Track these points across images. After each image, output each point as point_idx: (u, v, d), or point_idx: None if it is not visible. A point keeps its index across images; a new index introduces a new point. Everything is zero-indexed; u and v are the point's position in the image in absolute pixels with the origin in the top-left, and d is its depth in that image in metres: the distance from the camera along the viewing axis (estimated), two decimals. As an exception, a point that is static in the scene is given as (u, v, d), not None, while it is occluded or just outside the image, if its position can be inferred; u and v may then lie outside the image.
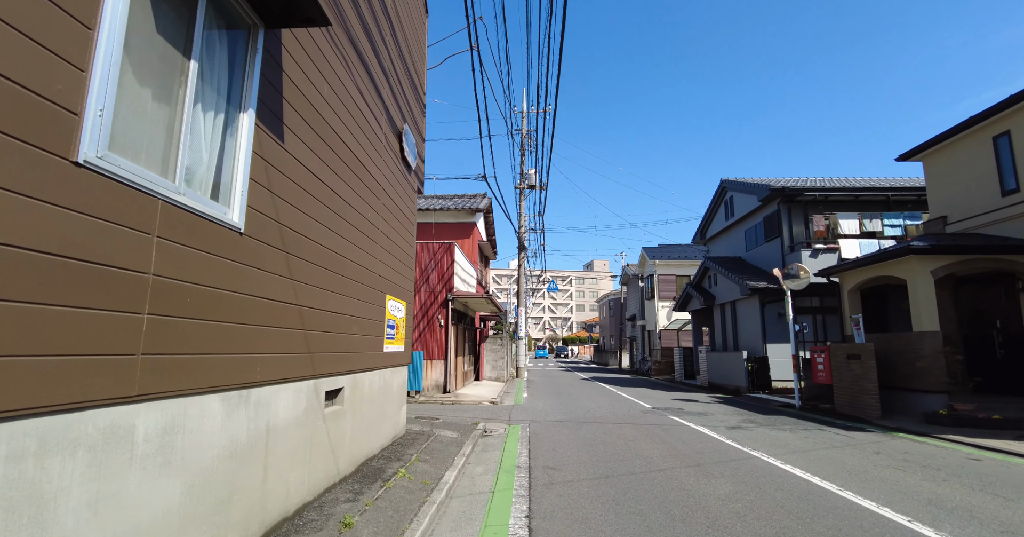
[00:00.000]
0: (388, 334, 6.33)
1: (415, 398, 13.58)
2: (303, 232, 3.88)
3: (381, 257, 6.07)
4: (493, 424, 9.71)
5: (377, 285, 5.89)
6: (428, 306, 15.00)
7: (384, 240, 6.20)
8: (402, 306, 7.06)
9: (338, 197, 4.62)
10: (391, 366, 6.54)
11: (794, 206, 17.79)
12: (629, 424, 9.79)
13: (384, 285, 6.19)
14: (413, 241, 7.80)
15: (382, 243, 6.12)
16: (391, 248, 6.53)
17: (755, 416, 11.29)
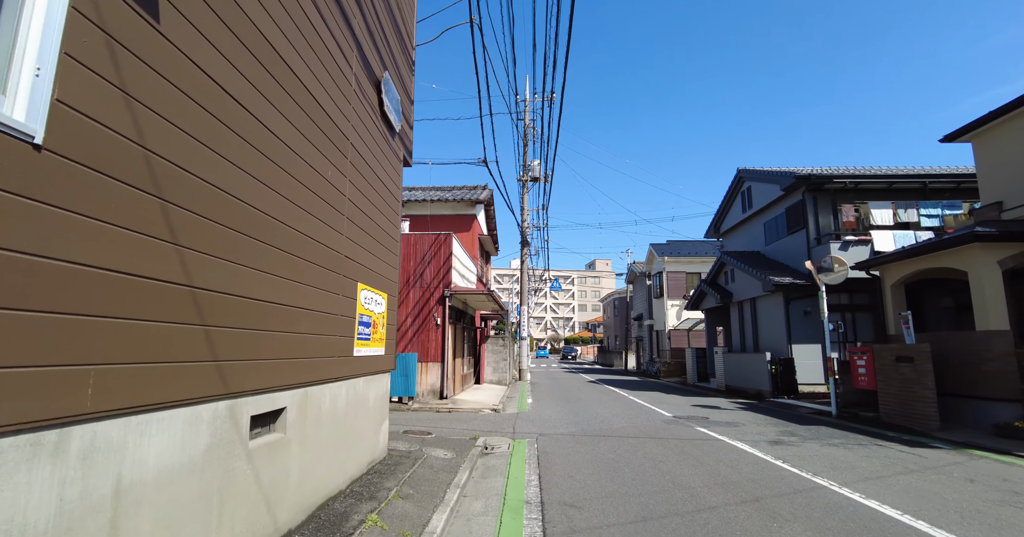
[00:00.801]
0: (361, 333, 4.97)
1: (408, 405, 12.22)
2: (198, 172, 2.53)
3: (351, 234, 4.71)
4: (495, 438, 8.34)
5: (344, 270, 4.53)
6: (423, 303, 13.65)
7: (356, 214, 4.85)
8: (382, 299, 5.70)
9: (274, 137, 3.27)
10: (366, 374, 5.18)
11: (820, 195, 16.41)
12: (652, 438, 8.41)
13: (355, 271, 4.83)
14: (398, 221, 6.45)
15: (353, 217, 4.77)
16: (367, 225, 5.18)
17: (792, 426, 9.91)
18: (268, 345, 3.19)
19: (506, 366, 20.28)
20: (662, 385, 22.22)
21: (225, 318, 2.73)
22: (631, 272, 38.07)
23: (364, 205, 5.10)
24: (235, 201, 2.86)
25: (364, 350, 5.07)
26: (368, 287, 5.20)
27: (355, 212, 4.83)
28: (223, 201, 2.75)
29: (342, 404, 4.50)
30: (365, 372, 5.14)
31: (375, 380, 5.53)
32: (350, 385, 4.73)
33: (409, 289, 13.74)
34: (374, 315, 5.39)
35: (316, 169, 3.91)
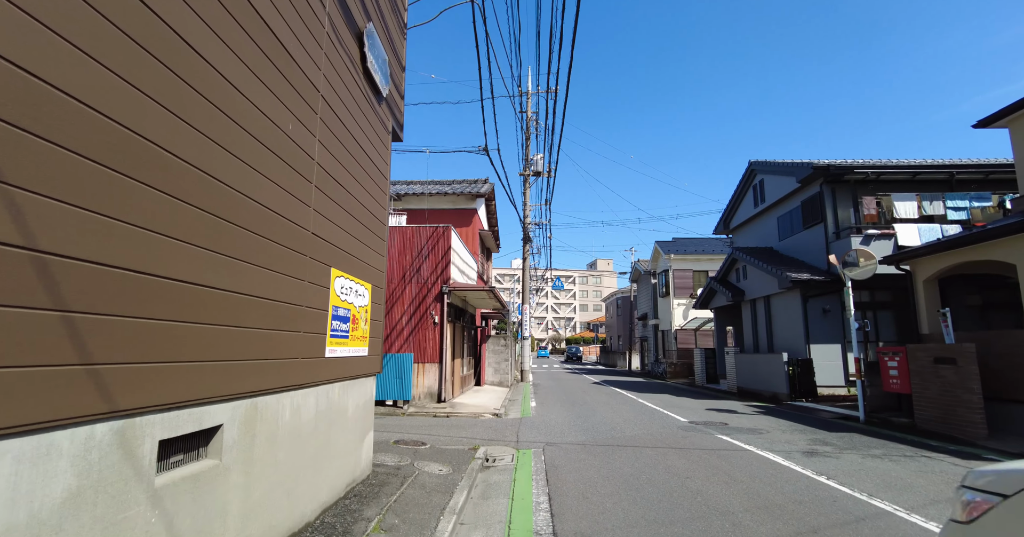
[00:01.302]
0: (336, 330, 4.13)
1: (403, 410, 11.37)
2: (62, 85, 1.67)
3: (323, 208, 3.87)
4: (497, 448, 7.50)
5: (312, 250, 3.68)
6: (420, 300, 12.81)
7: (330, 185, 4.01)
8: (365, 290, 4.85)
9: (192, 51, 2.41)
10: (343, 378, 4.33)
11: (839, 187, 15.54)
12: (672, 448, 7.56)
13: (328, 253, 3.99)
14: (386, 201, 5.60)
15: (327, 188, 3.93)
16: (345, 201, 4.34)
17: (821, 433, 9.05)
18: (190, 343, 2.35)
19: (508, 367, 19.44)
20: (670, 387, 21.37)
21: (102, 300, 1.88)
22: (635, 271, 37.21)
23: (341, 176, 4.26)
24: (149, 146, 2.02)
25: (340, 350, 4.22)
26: (346, 275, 4.35)
27: (329, 183, 3.98)
28: (127, 141, 1.91)
29: (310, 416, 3.65)
30: (342, 376, 4.29)
31: (356, 385, 4.68)
32: (321, 392, 3.88)
33: (405, 285, 12.90)
34: (354, 308, 4.54)
35: (269, 116, 3.07)
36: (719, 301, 21.14)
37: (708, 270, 28.39)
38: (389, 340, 12.64)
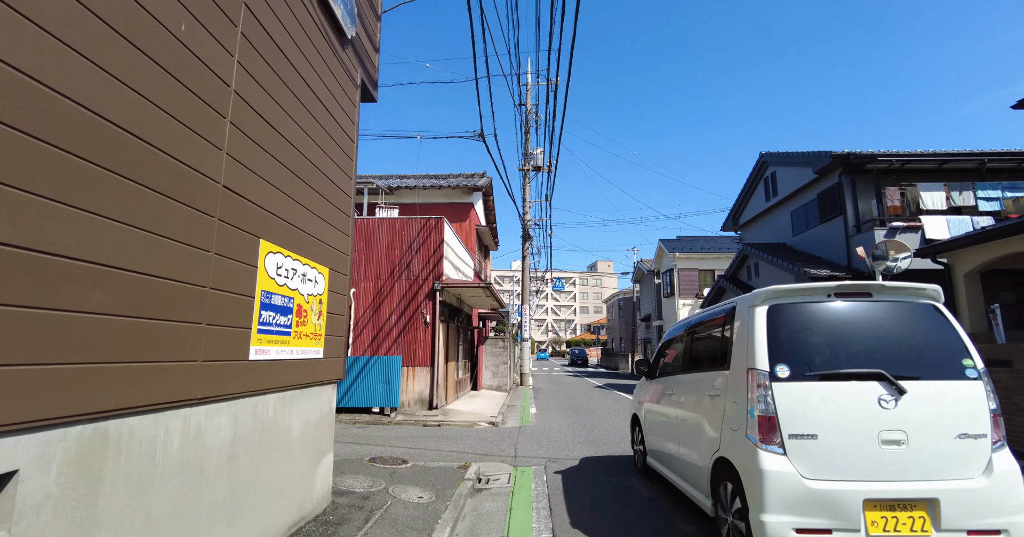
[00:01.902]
0: (269, 323, 3.10)
1: (389, 418, 10.33)
2: None
3: (250, 161, 2.87)
4: (491, 465, 6.46)
5: (227, 212, 2.67)
6: (410, 298, 11.78)
7: (264, 132, 3.01)
8: (319, 275, 3.83)
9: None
10: (283, 388, 3.30)
11: (860, 178, 14.54)
12: (694, 465, 6.52)
13: (257, 221, 2.97)
14: (352, 170, 4.57)
15: (256, 134, 2.93)
16: (289, 158, 3.33)
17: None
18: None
19: (506, 370, 18.40)
20: (677, 391, 20.30)
21: None
22: (638, 270, 36.21)
23: (282, 124, 3.24)
24: None
25: (278, 350, 3.19)
26: (286, 251, 3.32)
27: (259, 127, 2.97)
28: None
29: (221, 442, 2.62)
30: (281, 385, 3.26)
31: (304, 397, 3.64)
32: (244, 408, 2.85)
33: (394, 282, 11.88)
34: (300, 297, 3.51)
35: (172, 33, 2.05)
36: (728, 300, 20.11)
37: (715, 269, 27.38)
38: (376, 342, 11.62)
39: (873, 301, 3.63)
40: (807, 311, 3.55)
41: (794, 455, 3.15)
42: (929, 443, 3.15)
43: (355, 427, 9.57)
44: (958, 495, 3.03)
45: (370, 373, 10.57)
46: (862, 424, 3.17)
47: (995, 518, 3.00)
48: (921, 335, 3.58)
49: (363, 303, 11.80)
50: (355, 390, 10.55)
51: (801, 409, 3.23)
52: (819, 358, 3.41)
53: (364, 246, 12.06)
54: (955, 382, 3.31)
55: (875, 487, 3.05)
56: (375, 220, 12.26)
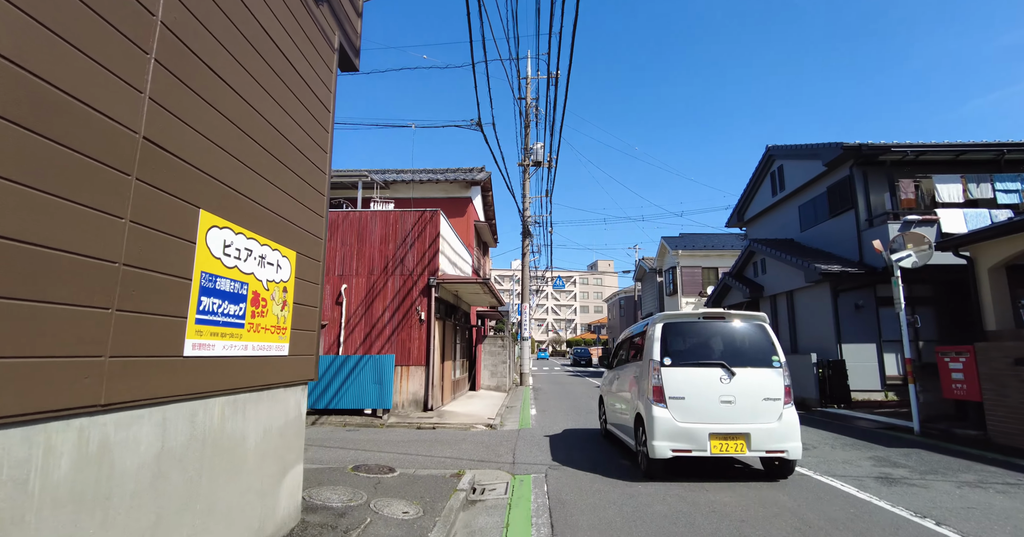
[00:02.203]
0: (213, 313, 2.57)
1: (382, 420, 9.80)
2: None
3: (183, 111, 2.36)
4: (487, 473, 5.93)
5: (150, 172, 2.15)
6: (404, 294, 11.26)
7: (203, 78, 2.50)
8: (284, 259, 3.30)
9: None
10: (233, 391, 2.78)
11: (872, 170, 14.01)
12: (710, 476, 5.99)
13: (195, 186, 2.46)
14: (326, 142, 4.04)
15: (192, 80, 2.43)
16: (241, 117, 2.82)
17: (879, 449, 7.49)
18: None
19: (505, 370, 17.87)
20: (681, 391, 19.76)
21: None
22: (640, 269, 35.68)
23: (232, 74, 2.72)
24: None
25: (225, 345, 2.66)
26: (239, 228, 2.80)
27: (201, 73, 2.46)
28: None
29: (139, 460, 2.09)
30: (230, 387, 2.73)
31: (264, 401, 3.11)
32: (177, 416, 2.32)
33: (388, 277, 11.35)
34: (257, 283, 2.98)
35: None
36: (734, 298, 19.57)
37: (718, 267, 26.87)
38: (369, 340, 11.10)
39: (725, 321, 6.02)
40: (684, 326, 6.01)
41: (672, 409, 5.50)
42: (748, 403, 5.52)
43: (345, 430, 9.05)
44: (762, 432, 5.39)
45: (361, 373, 10.05)
46: (710, 391, 5.56)
47: (781, 444, 5.39)
48: (750, 342, 5.87)
49: (355, 300, 11.28)
50: (345, 391, 10.03)
51: (676, 382, 5.60)
52: (689, 354, 5.81)
53: (356, 240, 11.54)
54: (766, 369, 5.68)
55: (716, 427, 5.39)
56: (367, 213, 11.73)
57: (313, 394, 10.06)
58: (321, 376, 10.13)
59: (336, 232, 11.59)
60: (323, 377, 10.12)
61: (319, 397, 10.05)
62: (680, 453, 5.35)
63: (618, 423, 7.28)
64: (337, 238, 11.57)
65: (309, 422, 9.80)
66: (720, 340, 5.91)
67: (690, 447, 5.35)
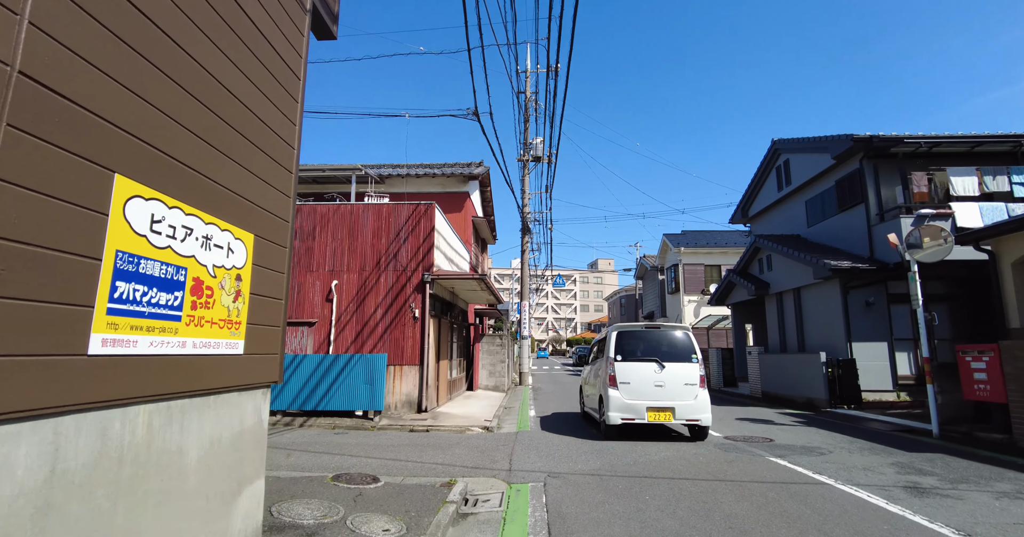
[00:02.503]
0: (139, 302, 2.11)
1: (373, 422, 9.34)
2: None
3: (97, 56, 1.90)
4: (481, 481, 5.46)
5: (43, 126, 1.66)
6: (397, 291, 10.79)
7: (129, 20, 2.00)
8: (239, 243, 2.84)
9: None
10: (173, 395, 2.34)
11: (883, 163, 13.53)
12: (721, 480, 5.53)
13: (117, 148, 2.01)
14: (295, 113, 3.57)
15: (110, 19, 1.91)
16: (182, 71, 2.38)
17: (901, 455, 7.02)
18: None
19: (504, 369, 17.40)
20: (684, 391, 19.30)
21: None
22: (641, 267, 35.20)
23: (159, 12, 2.23)
24: None
25: (153, 341, 2.20)
26: (174, 201, 2.33)
27: (128, 18, 1.96)
28: None
29: (13, 489, 1.61)
30: (162, 392, 2.26)
31: (211, 407, 2.64)
32: (81, 429, 1.87)
33: (380, 273, 10.89)
34: (200, 268, 2.51)
35: None
36: (738, 296, 19.11)
37: (721, 264, 26.40)
38: (360, 338, 10.63)
39: (661, 330, 8.46)
40: (632, 333, 8.36)
41: (621, 390, 7.81)
42: (674, 386, 7.80)
43: (333, 433, 8.58)
44: (683, 406, 7.67)
45: (352, 373, 9.58)
46: (648, 378, 7.87)
47: (696, 415, 7.66)
48: (677, 344, 8.19)
49: (346, 296, 10.81)
50: (335, 392, 9.56)
51: (625, 372, 7.90)
52: (634, 352, 8.10)
53: (347, 234, 11.07)
54: (687, 363, 7.99)
55: (651, 403, 7.67)
56: (359, 206, 11.26)
57: (301, 395, 9.60)
58: (309, 376, 9.67)
59: (326, 226, 11.13)
60: (311, 377, 9.65)
61: (307, 398, 9.59)
62: (627, 421, 7.80)
63: (589, 404, 9.79)
64: (327, 232, 11.10)
65: (297, 425, 9.34)
66: (656, 343, 8.33)
67: (633, 416, 7.78)
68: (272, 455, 6.70)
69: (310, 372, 9.67)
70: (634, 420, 7.72)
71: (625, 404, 7.78)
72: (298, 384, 9.67)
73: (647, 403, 7.75)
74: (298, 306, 10.83)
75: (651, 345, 8.23)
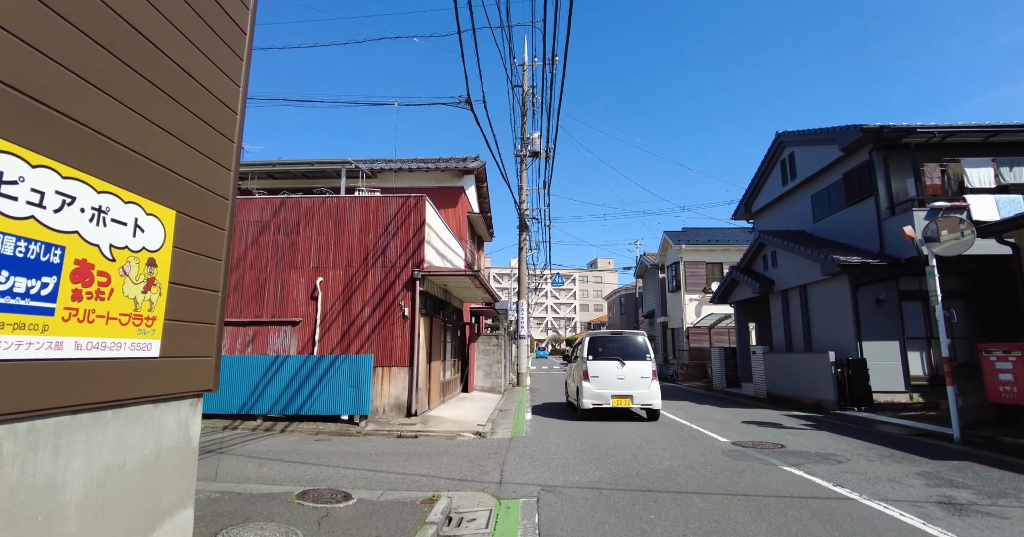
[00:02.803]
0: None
1: (358, 427, 8.79)
2: None
3: None
4: (468, 497, 4.91)
5: None
6: (386, 288, 10.24)
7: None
8: (153, 220, 2.30)
9: None
10: (44, 412, 1.78)
11: (894, 154, 13.00)
12: (733, 495, 4.98)
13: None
14: (239, 72, 3.02)
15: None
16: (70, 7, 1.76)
17: (926, 463, 6.48)
18: None
19: (500, 370, 16.84)
20: (685, 391, 18.79)
21: None
22: (641, 265, 34.64)
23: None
24: None
25: (7, 341, 1.62)
26: (39, 157, 1.79)
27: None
28: None
29: None
30: (15, 410, 1.70)
31: (108, 426, 2.10)
32: None
33: (367, 269, 10.33)
34: (87, 247, 1.97)
35: None
36: (741, 294, 18.56)
37: (723, 262, 25.85)
38: (347, 338, 10.09)
39: (623, 336, 10.76)
40: (601, 338, 10.77)
41: (592, 382, 10.08)
42: (632, 379, 10.02)
43: (314, 440, 8.03)
44: (639, 394, 9.92)
45: (336, 375, 9.03)
46: (612, 373, 10.11)
47: (650, 401, 9.95)
48: (635, 346, 10.43)
49: (332, 294, 10.26)
50: (318, 395, 9.01)
51: (596, 368, 10.14)
52: (603, 353, 10.32)
53: (333, 229, 10.52)
54: (643, 361, 10.20)
55: (615, 391, 9.93)
56: (346, 199, 10.71)
57: (283, 399, 9.05)
58: (291, 378, 9.12)
59: (311, 220, 10.57)
60: (294, 379, 9.10)
61: (290, 402, 9.04)
62: (596, 406, 10.05)
63: (570, 394, 12.16)
64: (312, 227, 10.55)
65: (278, 430, 8.79)
66: (619, 345, 10.57)
67: (601, 402, 10.01)
68: (243, 465, 6.15)
69: (292, 374, 9.12)
70: (602, 405, 10.03)
71: (595, 393, 10.08)
72: (280, 387, 9.12)
73: (612, 392, 10.03)
74: (281, 304, 10.28)
75: (615, 347, 10.54)
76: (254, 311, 10.30)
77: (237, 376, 9.20)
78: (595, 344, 10.61)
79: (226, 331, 10.21)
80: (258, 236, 10.56)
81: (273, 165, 13.46)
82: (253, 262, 10.48)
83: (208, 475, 5.61)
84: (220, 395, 9.18)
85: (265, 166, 13.49)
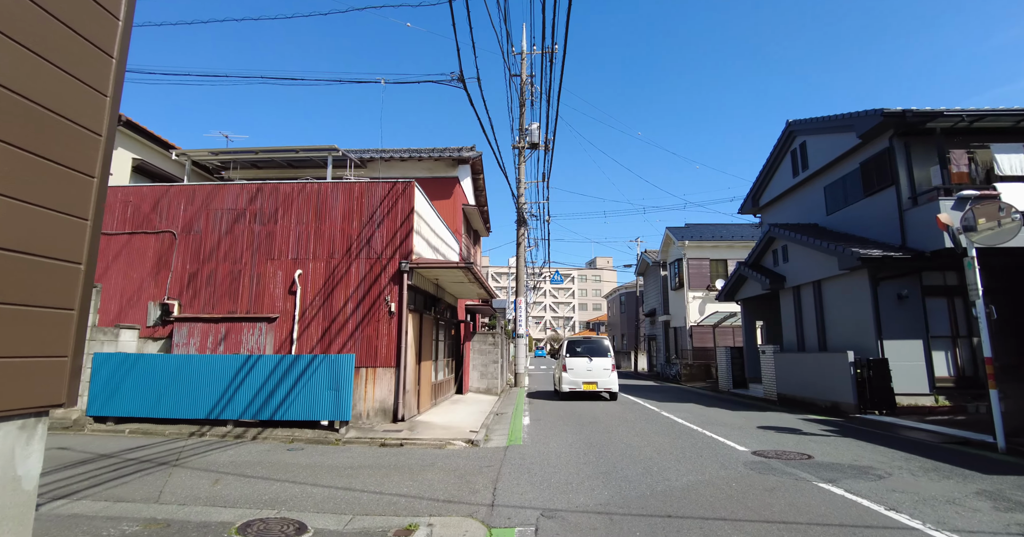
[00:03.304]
0: None
1: (338, 434, 7.94)
2: None
3: None
4: (451, 525, 4.06)
5: None
6: (371, 282, 9.39)
7: None
8: None
9: None
10: None
11: (916, 140, 12.18)
12: (765, 522, 4.15)
13: None
14: (119, 7, 2.13)
15: None
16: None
17: (981, 479, 5.66)
18: None
19: (497, 370, 16.00)
20: (691, 393, 17.97)
21: None
22: (642, 262, 33.80)
23: None
24: None
25: None
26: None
27: None
28: None
29: None
30: None
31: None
32: None
33: (351, 261, 9.49)
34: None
35: None
36: (750, 290, 17.73)
37: (728, 258, 25.04)
38: (328, 336, 9.24)
39: (592, 339, 15.66)
40: (577, 341, 15.52)
41: (569, 372, 14.37)
42: (598, 371, 14.34)
43: (286, 449, 7.19)
44: (603, 381, 14.24)
45: (314, 377, 8.18)
46: (583, 366, 14.45)
47: (610, 386, 14.27)
48: (601, 347, 15.04)
49: (312, 288, 9.40)
50: (295, 399, 8.16)
51: (571, 363, 14.53)
52: (577, 352, 14.80)
53: (314, 217, 9.67)
54: (605, 358, 14.66)
55: (585, 379, 14.22)
56: (328, 185, 9.85)
57: (255, 402, 8.21)
58: (265, 380, 8.27)
59: (290, 208, 9.72)
60: (267, 381, 8.26)
61: (263, 406, 8.20)
62: (572, 390, 14.12)
63: (555, 383, 15.89)
64: (291, 215, 9.70)
65: (249, 437, 7.94)
66: (589, 346, 14.81)
67: (575, 387, 14.08)
68: (195, 482, 5.31)
69: (266, 375, 8.28)
70: (575, 389, 14.07)
71: (571, 380, 14.13)
72: (253, 389, 8.27)
73: (583, 380, 14.09)
74: (257, 299, 9.43)
75: (586, 348, 14.75)
76: (227, 306, 9.44)
77: (206, 377, 8.36)
78: (572, 345, 14.95)
79: (196, 328, 9.36)
80: (232, 225, 9.70)
81: (255, 153, 12.61)
82: (227, 253, 9.63)
83: (150, 496, 4.78)
84: (187, 399, 8.34)
85: (247, 153, 12.65)
